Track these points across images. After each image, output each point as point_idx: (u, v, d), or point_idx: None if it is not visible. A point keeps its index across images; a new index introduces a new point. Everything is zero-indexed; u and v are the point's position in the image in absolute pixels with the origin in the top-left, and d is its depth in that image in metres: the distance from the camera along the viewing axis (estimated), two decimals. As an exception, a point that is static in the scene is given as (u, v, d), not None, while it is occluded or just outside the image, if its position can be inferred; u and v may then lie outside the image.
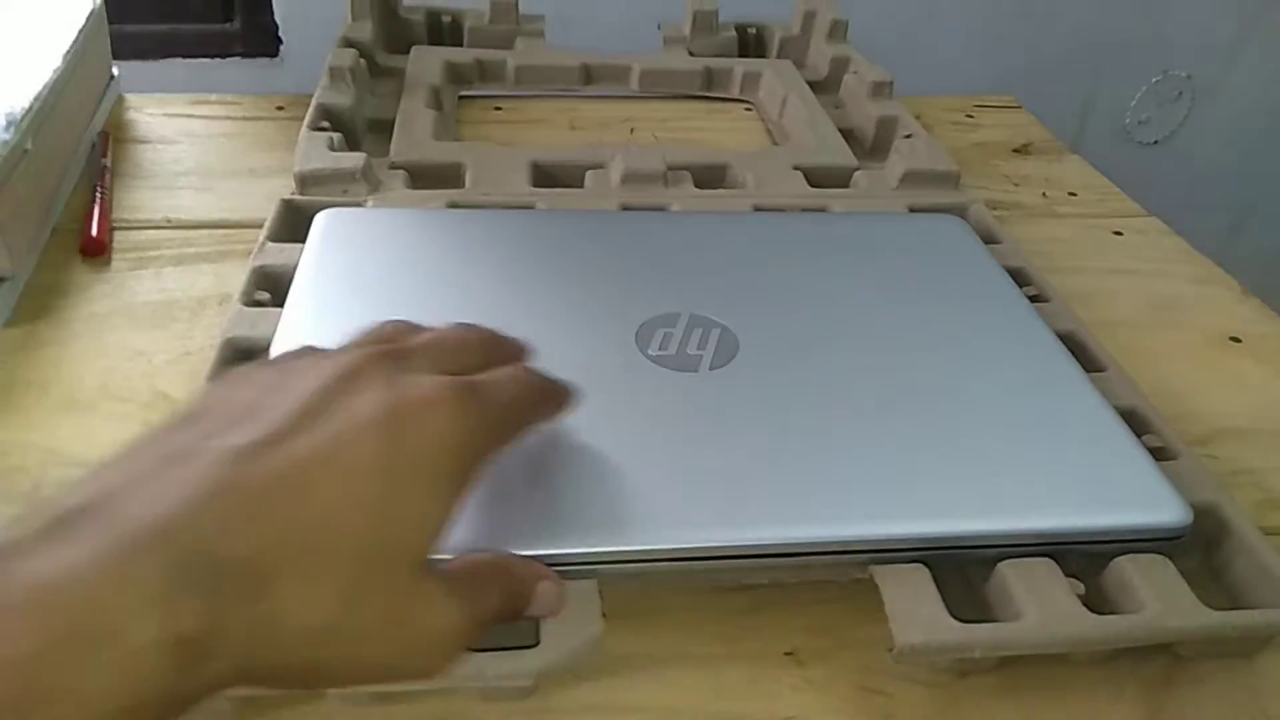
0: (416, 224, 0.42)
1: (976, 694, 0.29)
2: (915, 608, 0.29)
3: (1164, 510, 0.30)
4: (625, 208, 0.47)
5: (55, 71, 0.47)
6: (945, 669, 0.30)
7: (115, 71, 0.58)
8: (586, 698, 0.28)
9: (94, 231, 0.45)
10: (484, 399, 0.24)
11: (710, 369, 0.34)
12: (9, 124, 0.41)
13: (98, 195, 0.47)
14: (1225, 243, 1.20)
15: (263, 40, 0.75)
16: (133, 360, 0.39)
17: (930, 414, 0.33)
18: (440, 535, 0.22)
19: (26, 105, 0.43)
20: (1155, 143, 1.11)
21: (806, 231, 0.45)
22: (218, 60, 0.76)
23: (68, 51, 0.49)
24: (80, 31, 0.51)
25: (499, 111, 0.61)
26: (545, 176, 0.51)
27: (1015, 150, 0.63)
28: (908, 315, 0.39)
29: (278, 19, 0.75)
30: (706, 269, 0.40)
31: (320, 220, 0.41)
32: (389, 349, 0.25)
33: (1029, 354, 0.38)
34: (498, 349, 0.28)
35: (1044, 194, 0.58)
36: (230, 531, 0.19)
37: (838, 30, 0.67)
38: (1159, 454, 0.35)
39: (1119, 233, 0.55)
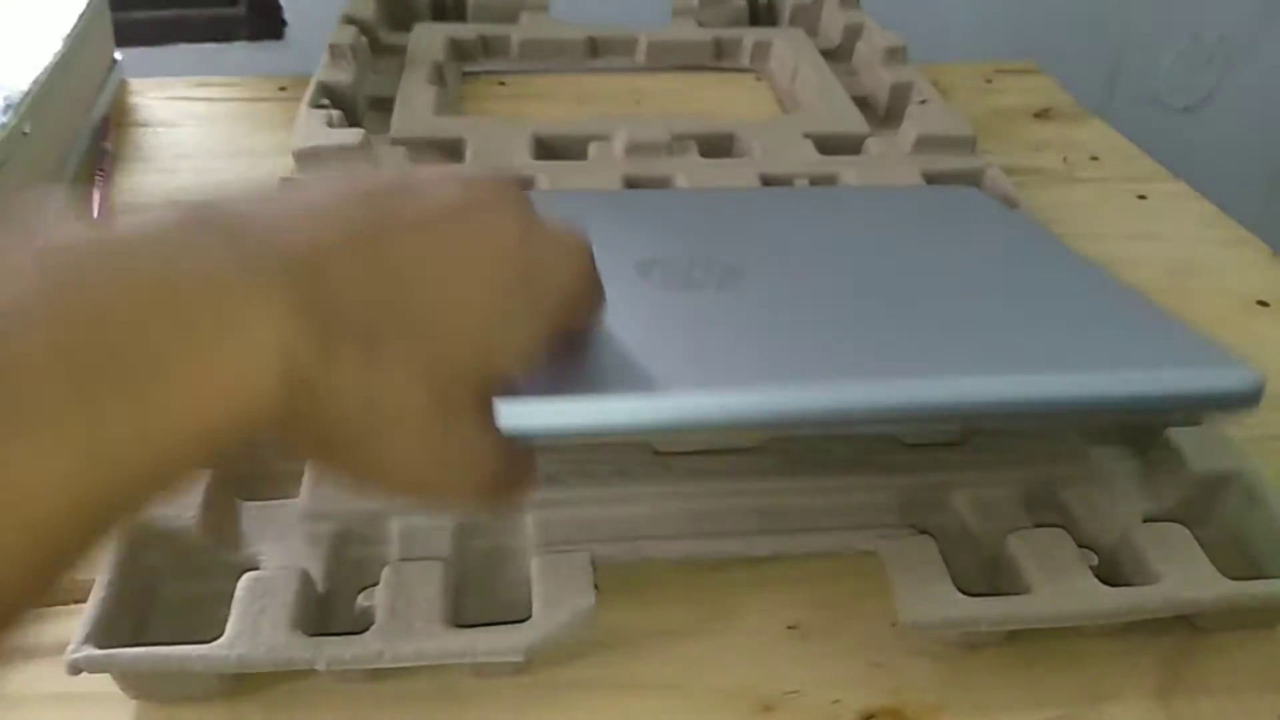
0: None
1: (986, 667, 0.28)
2: (921, 583, 0.28)
3: (1235, 375, 0.27)
4: (629, 179, 0.46)
5: (55, 56, 0.47)
6: (953, 642, 0.29)
7: (118, 57, 0.58)
8: (581, 673, 0.28)
9: (94, 214, 0.45)
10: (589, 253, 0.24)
11: (718, 289, 0.31)
12: (7, 107, 0.41)
13: (98, 179, 0.47)
14: (1261, 209, 1.17)
15: (267, 23, 0.75)
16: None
17: (977, 308, 0.30)
18: (532, 355, 0.22)
19: (25, 89, 0.43)
20: (1186, 108, 1.08)
21: (814, 204, 0.43)
22: (223, 45, 0.75)
23: (68, 36, 0.49)
24: (81, 16, 0.51)
25: (503, 87, 0.60)
26: (548, 150, 0.50)
27: (1036, 115, 0.61)
28: (931, 253, 0.35)
29: (281, 1, 0.74)
30: (709, 237, 0.38)
31: None
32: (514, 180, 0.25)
33: (1069, 272, 0.34)
34: None
35: (1065, 159, 0.56)
36: (362, 285, 0.19)
37: (851, -4, 0.66)
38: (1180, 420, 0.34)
39: (1143, 196, 0.53)
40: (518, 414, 0.22)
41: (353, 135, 0.46)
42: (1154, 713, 0.28)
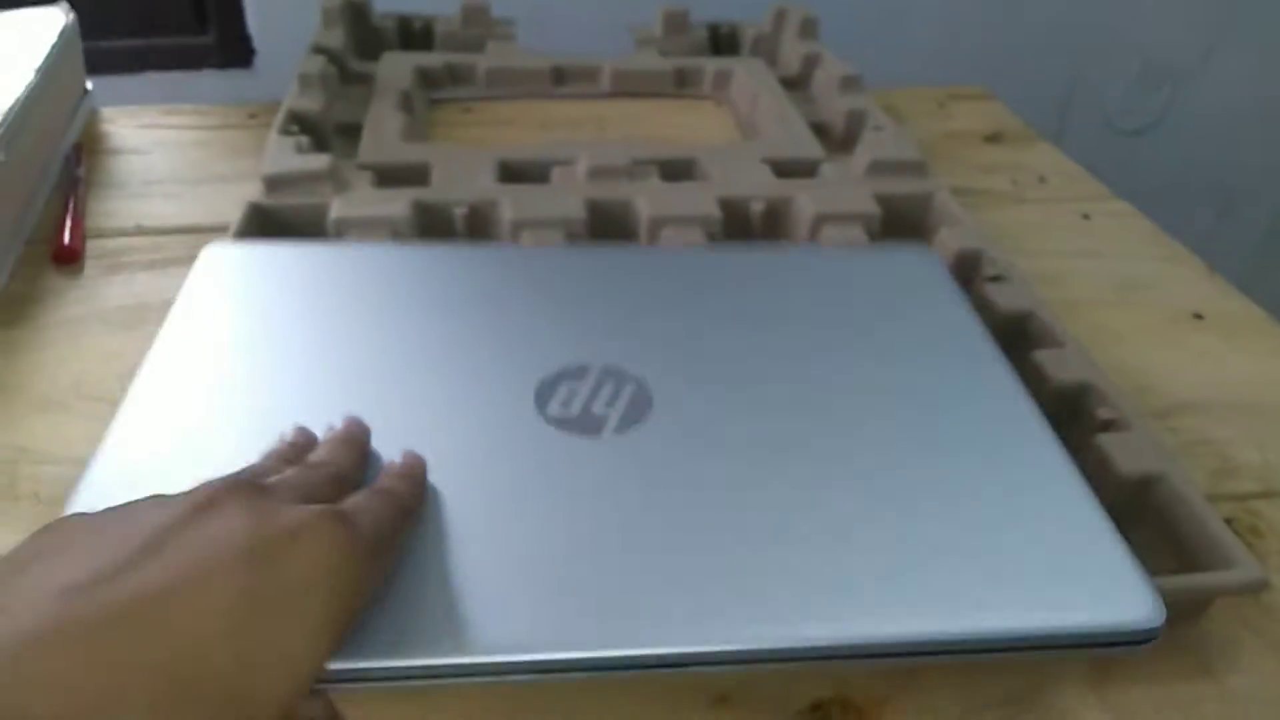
0: (309, 261, 0.39)
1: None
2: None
3: (1133, 608, 0.25)
4: (590, 203, 0.47)
5: (28, 86, 0.48)
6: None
7: (89, 86, 0.59)
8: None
9: (66, 239, 0.46)
10: (357, 527, 0.22)
11: (615, 431, 0.30)
12: (-21, 135, 0.42)
13: (70, 205, 0.48)
14: (1212, 230, 1.20)
15: (237, 51, 0.76)
16: (106, 361, 0.40)
17: (872, 497, 0.28)
18: (312, 679, 0.20)
19: (1, 118, 0.44)
20: (1138, 131, 1.11)
21: (758, 269, 0.40)
22: (193, 73, 0.76)
23: (39, 67, 0.50)
24: (53, 48, 0.52)
25: (469, 114, 0.61)
26: (512, 174, 0.51)
27: (986, 139, 0.64)
28: (858, 370, 0.34)
29: (251, 30, 0.75)
30: (630, 313, 0.36)
31: (203, 257, 0.37)
32: (250, 479, 0.23)
33: (996, 419, 0.32)
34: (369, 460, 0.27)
35: (1013, 180, 0.59)
36: (54, 684, 0.17)
37: (809, 27, 0.68)
38: (1112, 425, 0.36)
39: (1087, 216, 0.55)
40: None
41: (320, 161, 0.47)
42: (1087, 699, 0.29)
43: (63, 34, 0.54)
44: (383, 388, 0.31)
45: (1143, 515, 0.33)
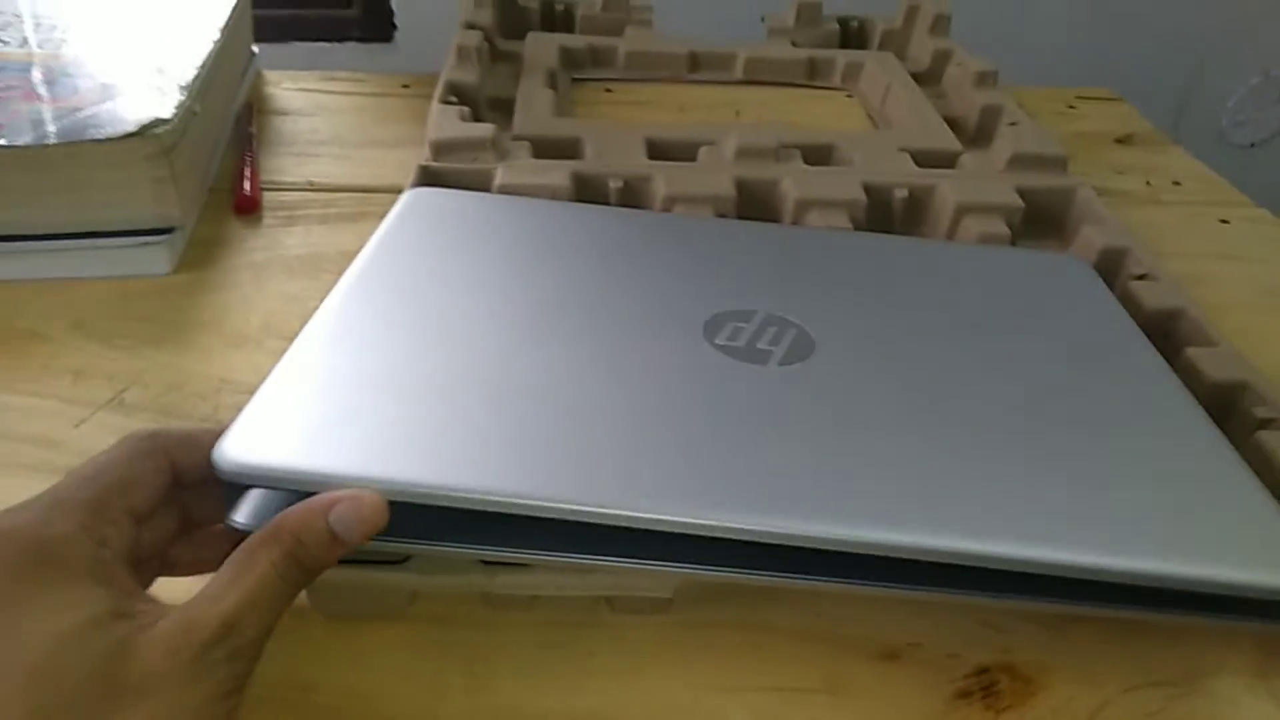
0: (507, 210, 0.42)
1: (1090, 636, 0.31)
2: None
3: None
4: (738, 182, 0.49)
5: (214, 44, 0.51)
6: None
7: (255, 49, 0.62)
8: (719, 615, 0.30)
9: (247, 190, 0.48)
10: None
11: (780, 364, 0.32)
12: (181, 88, 0.45)
13: (247, 159, 0.51)
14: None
15: (379, 26, 0.79)
16: (290, 304, 0.42)
17: (1031, 439, 0.30)
18: None
19: (195, 73, 0.47)
20: (1252, 145, 1.09)
21: (912, 254, 0.43)
22: (336, 44, 0.80)
23: (223, 25, 0.53)
24: (233, 10, 0.55)
25: (609, 94, 0.63)
26: (659, 153, 0.53)
27: (1118, 140, 0.64)
28: (1015, 351, 0.35)
29: (394, 6, 0.78)
30: (795, 279, 0.39)
31: (407, 197, 0.41)
32: None
33: (1152, 397, 0.33)
34: None
35: (1148, 182, 0.58)
36: None
37: (941, 24, 0.69)
38: (1270, 424, 0.36)
39: (1225, 221, 0.55)
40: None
41: (485, 129, 0.49)
42: (1255, 689, 0.30)
43: (239, -1, 0.57)
44: (560, 323, 0.34)
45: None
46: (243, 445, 0.25)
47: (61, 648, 0.19)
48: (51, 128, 0.41)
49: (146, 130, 0.41)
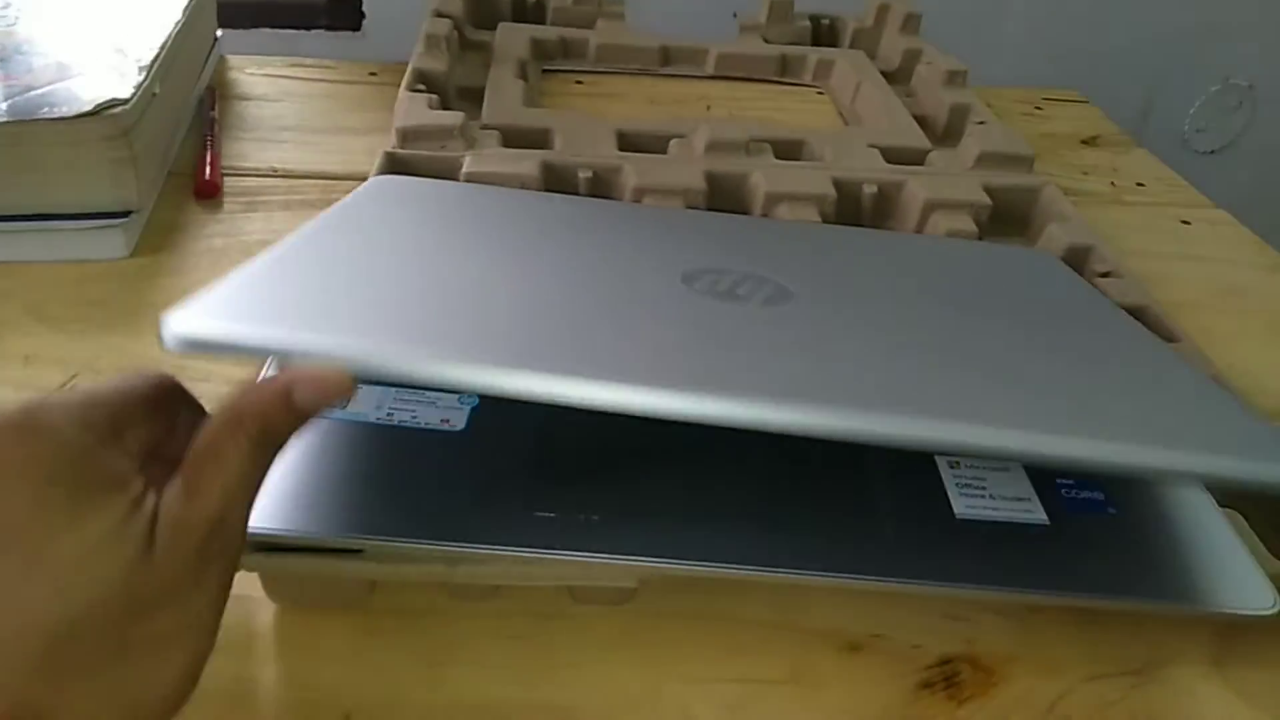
0: (470, 196, 0.41)
1: (1051, 626, 0.31)
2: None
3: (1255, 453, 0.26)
4: (708, 175, 0.49)
5: (176, 25, 0.50)
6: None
7: (219, 34, 0.61)
8: (683, 605, 0.30)
9: (207, 174, 0.47)
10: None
11: (762, 304, 0.31)
12: (141, 68, 0.44)
13: (208, 143, 0.50)
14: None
15: (347, 14, 0.78)
16: (250, 291, 0.41)
17: (999, 355, 0.31)
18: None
19: (155, 54, 0.46)
20: (1213, 152, 1.11)
21: (883, 244, 0.43)
22: (303, 31, 0.78)
23: (186, 7, 0.52)
24: (195, -9, 0.54)
25: (580, 85, 0.63)
26: (629, 145, 0.53)
27: (1083, 141, 0.64)
28: (984, 300, 0.36)
29: (362, -7, 0.77)
30: (768, 255, 0.39)
31: (372, 181, 0.40)
32: None
33: (1115, 326, 0.35)
34: None
35: (1112, 183, 0.59)
36: None
37: (911, 23, 0.69)
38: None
39: (1187, 222, 0.56)
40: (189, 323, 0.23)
41: (453, 117, 0.49)
42: (1211, 678, 0.30)
43: (202, -19, 0.56)
44: (532, 262, 0.33)
45: (1263, 506, 0.34)
46: (188, 320, 0.23)
47: (87, 561, 0.19)
48: (3, 105, 0.40)
49: (103, 110, 0.40)
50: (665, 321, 0.29)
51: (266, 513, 0.27)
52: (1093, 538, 0.30)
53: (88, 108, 0.40)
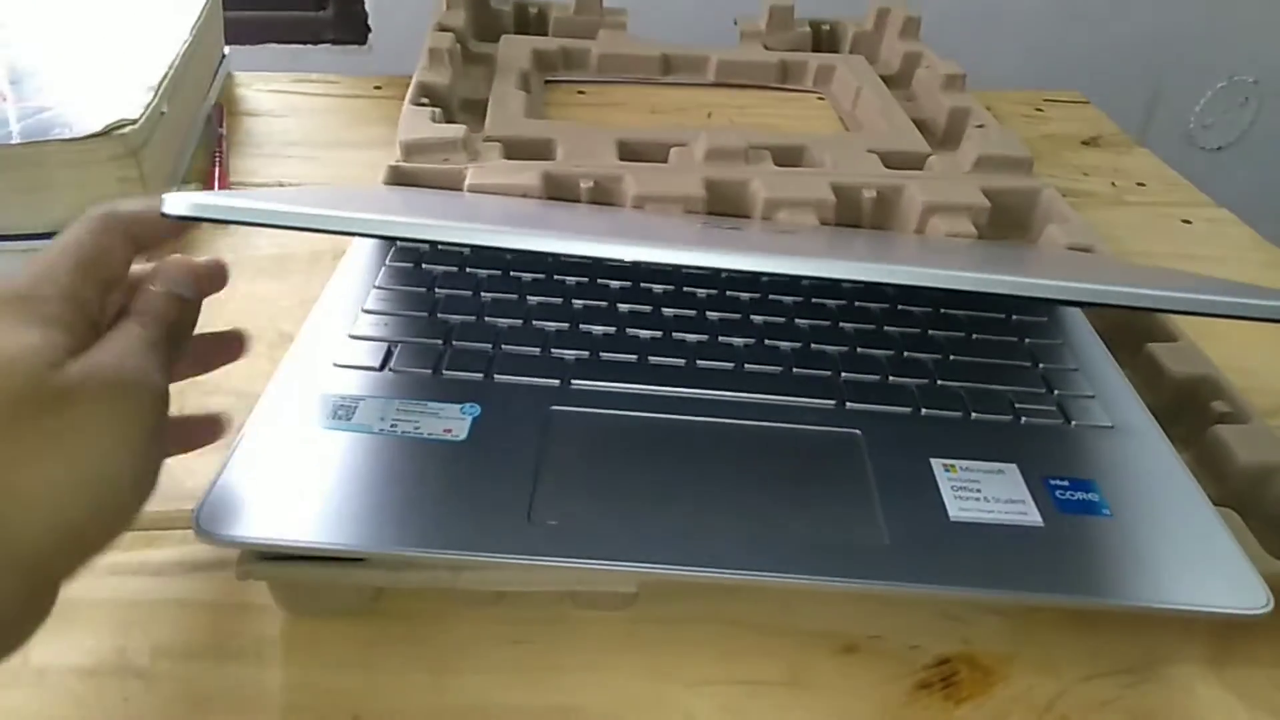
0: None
1: (1049, 626, 0.31)
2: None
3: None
4: (708, 183, 0.49)
5: (184, 44, 0.51)
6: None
7: (226, 51, 0.62)
8: (684, 610, 0.31)
9: (216, 190, 0.48)
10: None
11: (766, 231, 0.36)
12: (149, 88, 0.45)
13: (216, 159, 0.51)
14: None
15: (353, 28, 0.79)
16: (258, 305, 0.42)
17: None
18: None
19: (163, 73, 0.47)
20: (1219, 148, 1.11)
21: (883, 239, 0.45)
22: (309, 46, 0.79)
23: (193, 26, 0.53)
24: (202, 9, 0.55)
25: (582, 95, 0.63)
26: (630, 154, 0.53)
27: (1084, 142, 0.65)
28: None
29: (368, 8, 0.78)
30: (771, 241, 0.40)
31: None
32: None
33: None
34: None
35: (1113, 183, 0.59)
36: None
37: (910, 27, 0.69)
38: (1228, 419, 0.37)
39: (1188, 221, 0.56)
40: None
41: (456, 130, 0.49)
42: (1208, 678, 0.30)
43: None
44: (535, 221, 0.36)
45: (1260, 505, 0.34)
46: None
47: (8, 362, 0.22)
48: (15, 127, 0.41)
49: (113, 130, 0.41)
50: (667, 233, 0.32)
51: (275, 524, 0.28)
52: (1087, 539, 0.30)
53: (98, 128, 0.41)
